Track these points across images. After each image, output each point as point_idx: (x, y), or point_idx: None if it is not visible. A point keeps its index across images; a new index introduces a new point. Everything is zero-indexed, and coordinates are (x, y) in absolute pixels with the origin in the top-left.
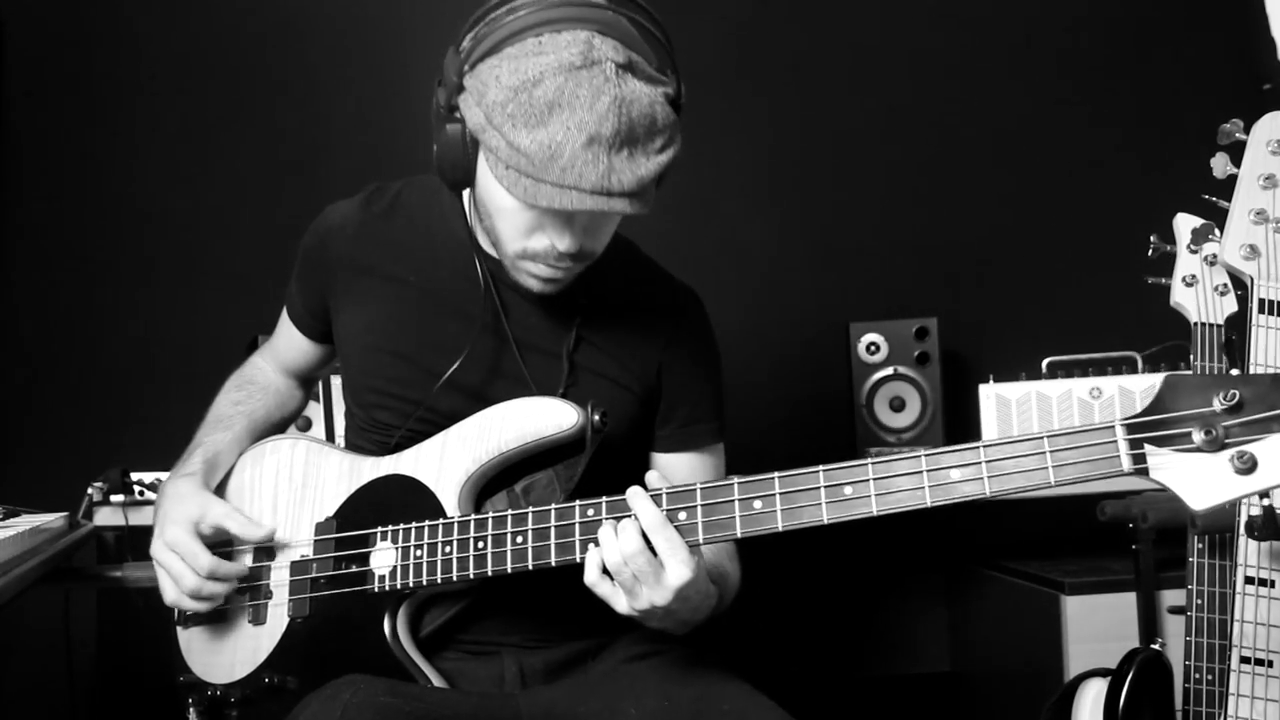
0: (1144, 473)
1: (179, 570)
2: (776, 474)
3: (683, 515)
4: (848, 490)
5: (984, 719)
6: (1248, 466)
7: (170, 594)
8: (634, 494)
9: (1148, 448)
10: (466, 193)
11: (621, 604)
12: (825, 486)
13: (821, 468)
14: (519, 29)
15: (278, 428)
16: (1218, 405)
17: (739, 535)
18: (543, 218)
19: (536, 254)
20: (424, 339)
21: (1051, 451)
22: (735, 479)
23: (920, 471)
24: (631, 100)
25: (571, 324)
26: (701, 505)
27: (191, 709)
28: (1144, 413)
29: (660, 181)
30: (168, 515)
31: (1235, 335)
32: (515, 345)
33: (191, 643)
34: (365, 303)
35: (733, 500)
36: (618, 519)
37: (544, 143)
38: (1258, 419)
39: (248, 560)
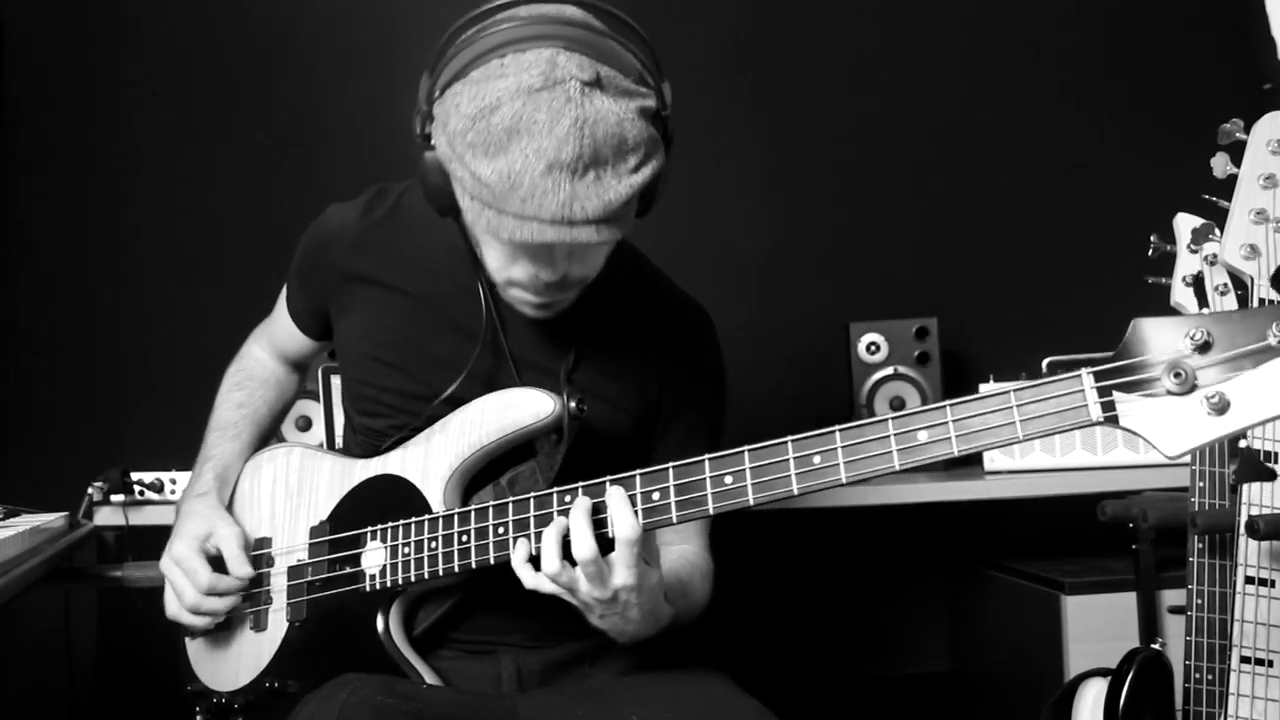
0: (1114, 421)
1: (181, 585)
2: (746, 448)
3: (656, 495)
4: (816, 459)
5: (984, 719)
6: (1220, 407)
7: (171, 607)
8: (576, 514)
9: (1116, 395)
10: None
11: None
12: (794, 457)
13: (790, 438)
14: (484, 50)
15: (281, 416)
16: (1186, 346)
17: (712, 511)
18: (520, 248)
19: (522, 282)
20: (421, 351)
21: (1019, 405)
22: (706, 456)
23: (888, 435)
24: (595, 121)
25: (571, 342)
26: (674, 485)
27: (198, 717)
28: (1111, 358)
29: (651, 200)
30: (178, 531)
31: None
32: (513, 363)
33: (199, 651)
34: (363, 311)
35: (704, 478)
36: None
37: (504, 172)
38: (1228, 357)
39: (248, 570)
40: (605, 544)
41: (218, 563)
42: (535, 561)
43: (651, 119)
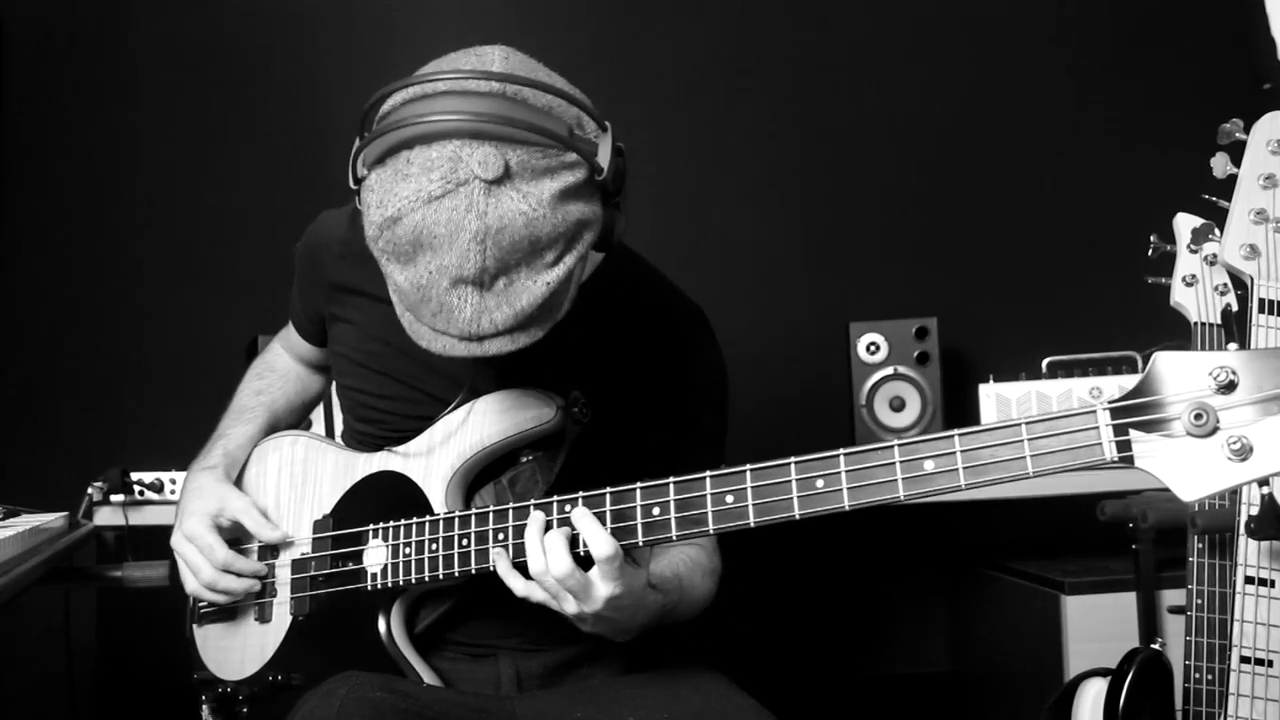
0: (1129, 461)
1: (197, 562)
2: (749, 466)
3: (656, 510)
4: (819, 483)
5: (984, 719)
6: (1242, 453)
7: (190, 584)
8: (580, 515)
9: (1133, 434)
10: None
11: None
12: (797, 479)
13: (793, 459)
14: (395, 144)
15: (300, 413)
16: (1210, 386)
17: (712, 531)
18: None
19: None
20: (411, 359)
21: (1029, 440)
22: (708, 473)
23: (893, 463)
24: (499, 229)
25: (565, 346)
26: (675, 500)
27: (204, 706)
28: (1130, 394)
29: (610, 237)
30: (187, 508)
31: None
32: (498, 371)
33: (206, 640)
34: (354, 322)
35: (705, 495)
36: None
37: (414, 283)
38: (1253, 400)
39: (277, 534)
40: (588, 560)
41: (231, 538)
42: (522, 568)
43: (579, 192)
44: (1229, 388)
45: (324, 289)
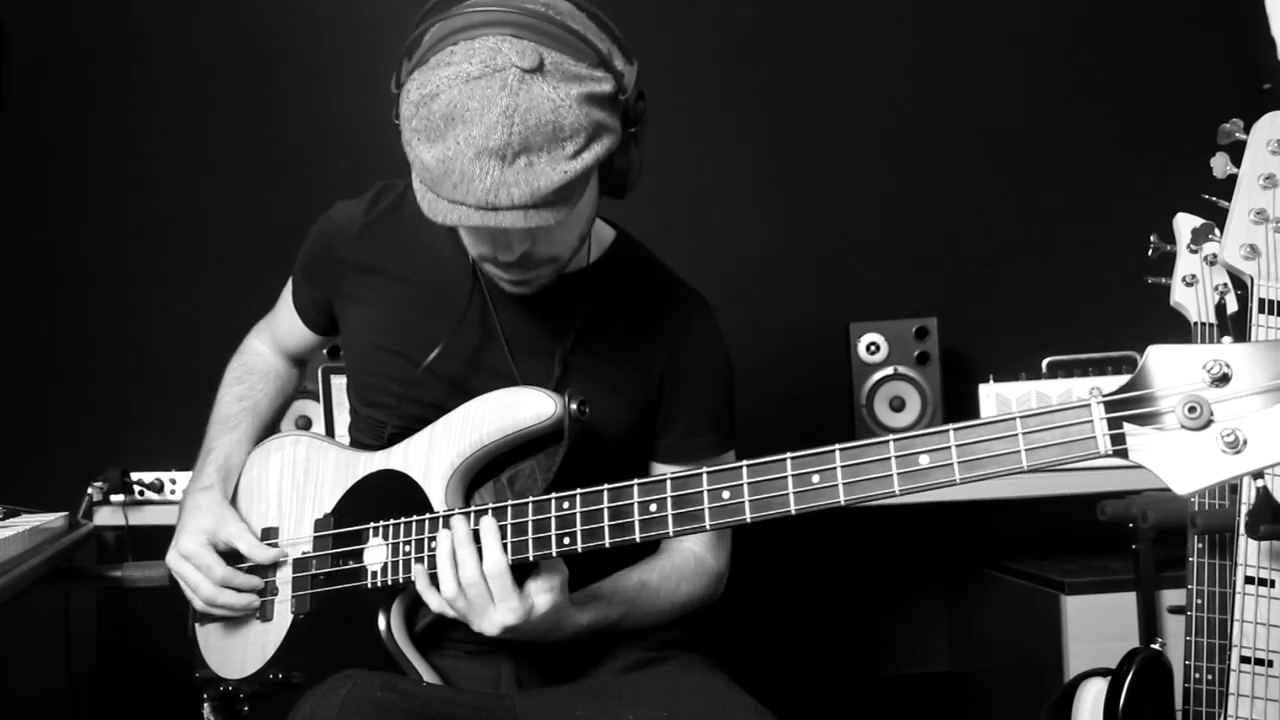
0: (1123, 454)
1: (195, 580)
2: (745, 463)
3: (653, 507)
4: (815, 479)
5: (984, 719)
6: (1236, 445)
7: (196, 603)
8: (486, 530)
9: (1127, 427)
10: None
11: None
12: (793, 475)
13: (789, 455)
14: (440, 37)
15: (283, 409)
16: (1204, 378)
17: (709, 527)
18: (472, 229)
19: (489, 258)
20: (425, 337)
21: (1024, 434)
22: (705, 469)
23: (888, 458)
24: (528, 109)
25: (571, 326)
26: (671, 497)
27: (206, 704)
28: (1124, 388)
29: (622, 182)
30: (184, 526)
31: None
32: (505, 341)
33: (208, 639)
34: (369, 302)
35: (701, 491)
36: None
37: (440, 157)
38: (1246, 394)
39: (270, 553)
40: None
41: (227, 558)
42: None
43: (603, 103)
44: (1222, 380)
45: (340, 271)
